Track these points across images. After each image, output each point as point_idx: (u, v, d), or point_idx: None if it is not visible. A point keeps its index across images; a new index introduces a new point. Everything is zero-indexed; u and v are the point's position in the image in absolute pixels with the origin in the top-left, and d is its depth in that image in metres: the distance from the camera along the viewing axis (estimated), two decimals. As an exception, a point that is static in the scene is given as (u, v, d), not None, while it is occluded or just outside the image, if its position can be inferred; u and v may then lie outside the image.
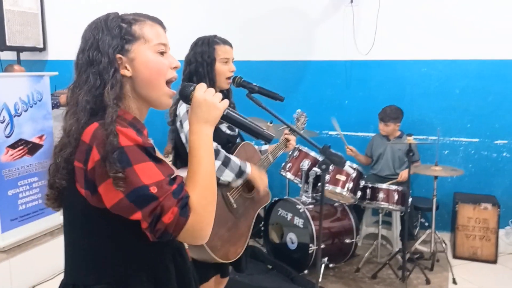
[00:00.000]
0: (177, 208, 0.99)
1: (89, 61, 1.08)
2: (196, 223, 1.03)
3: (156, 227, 0.99)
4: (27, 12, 5.05)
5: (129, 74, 1.10)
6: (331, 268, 3.43)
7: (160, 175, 1.01)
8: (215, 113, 1.13)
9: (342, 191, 3.36)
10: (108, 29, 1.09)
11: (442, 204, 4.02)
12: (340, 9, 4.24)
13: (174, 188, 1.01)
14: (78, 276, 1.13)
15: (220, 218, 1.98)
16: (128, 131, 1.01)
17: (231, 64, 2.10)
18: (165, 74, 1.14)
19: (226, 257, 1.99)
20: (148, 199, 0.98)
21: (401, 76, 4.17)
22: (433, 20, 4.00)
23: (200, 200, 1.04)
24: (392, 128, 3.84)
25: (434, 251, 3.53)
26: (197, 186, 1.06)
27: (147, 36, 1.12)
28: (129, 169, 0.98)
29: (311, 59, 4.41)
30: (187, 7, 4.70)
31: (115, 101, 1.05)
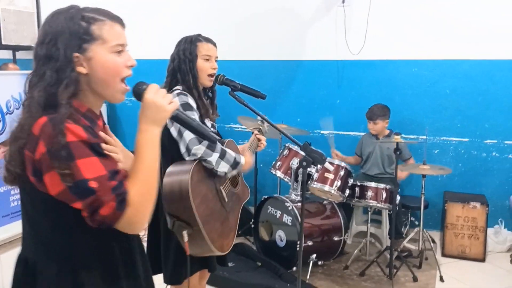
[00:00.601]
0: (115, 203, 1.07)
1: (47, 55, 1.12)
2: (132, 217, 1.10)
3: (94, 218, 1.08)
4: (23, 11, 5.09)
5: (85, 72, 1.15)
6: (320, 265, 3.46)
7: (102, 170, 1.08)
8: (163, 115, 1.19)
9: (330, 189, 3.39)
10: (67, 26, 1.13)
11: (432, 203, 4.05)
12: (332, 10, 4.27)
13: (114, 184, 1.08)
14: (29, 251, 1.22)
15: (215, 212, 2.01)
16: (75, 128, 1.07)
17: (213, 61, 2.13)
18: (120, 73, 1.19)
19: (222, 249, 2.01)
20: (87, 193, 1.06)
21: (392, 76, 4.20)
22: (423, 20, 4.03)
23: (138, 196, 1.12)
24: (381, 126, 3.87)
25: (422, 249, 3.56)
26: (137, 182, 1.13)
27: (105, 37, 1.16)
28: (72, 163, 1.05)
29: (304, 59, 4.45)
30: (180, 8, 4.74)
31: (68, 100, 1.10)
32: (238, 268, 3.33)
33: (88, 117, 1.17)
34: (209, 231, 1.92)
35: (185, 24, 4.64)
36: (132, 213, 1.10)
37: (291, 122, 4.26)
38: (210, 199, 2.00)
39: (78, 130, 1.07)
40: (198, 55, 2.10)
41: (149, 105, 1.18)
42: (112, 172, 1.10)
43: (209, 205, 1.99)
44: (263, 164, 4.42)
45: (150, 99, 1.18)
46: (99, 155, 1.09)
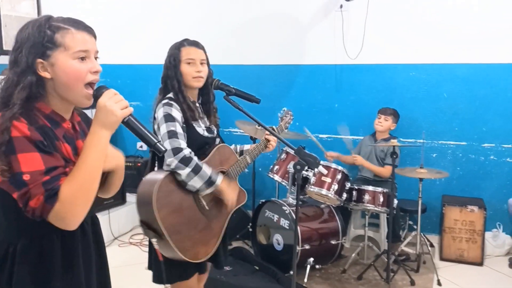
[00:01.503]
0: (43, 197, 1.15)
1: (14, 61, 1.23)
2: (60, 212, 1.17)
3: (26, 208, 1.17)
4: (25, 17, 5.14)
5: (49, 76, 1.24)
6: (318, 269, 3.47)
7: (39, 166, 1.16)
8: (112, 119, 1.24)
9: (327, 193, 3.40)
10: (33, 34, 1.22)
11: (430, 207, 4.05)
12: (330, 14, 4.30)
13: (46, 179, 1.16)
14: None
15: (190, 221, 2.04)
16: (19, 125, 1.16)
17: (197, 65, 2.13)
18: (83, 78, 1.26)
19: (196, 257, 2.03)
20: (20, 185, 1.15)
21: (390, 80, 4.21)
22: (421, 25, 4.05)
23: (69, 193, 1.18)
24: (389, 125, 3.88)
25: (420, 252, 3.56)
26: (73, 180, 1.20)
27: (67, 44, 1.23)
28: (13, 156, 1.15)
29: (302, 63, 4.47)
30: (180, 13, 4.77)
31: (21, 101, 1.19)
32: (236, 272, 3.34)
33: (50, 118, 1.26)
34: (179, 240, 1.95)
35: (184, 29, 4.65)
36: (60, 208, 1.17)
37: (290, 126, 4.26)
38: (184, 209, 2.02)
39: (23, 127, 1.16)
40: (181, 59, 2.13)
41: (100, 109, 1.24)
42: (49, 168, 1.17)
43: (182, 215, 2.01)
44: (261, 168, 4.44)
45: (102, 103, 1.24)
46: (42, 151, 1.17)
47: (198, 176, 1.99)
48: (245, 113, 2.11)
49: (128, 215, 4.28)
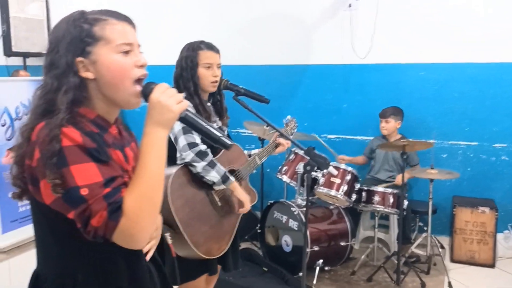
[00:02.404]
0: (106, 212, 0.99)
1: (50, 64, 1.09)
2: (127, 228, 1.01)
3: (87, 229, 1.00)
4: (33, 18, 5.16)
5: (91, 76, 1.09)
6: (327, 270, 3.44)
7: (97, 177, 1.00)
8: (168, 116, 1.09)
9: (336, 194, 3.37)
10: (69, 31, 1.08)
11: (441, 208, 4.01)
12: (338, 14, 4.27)
13: (107, 192, 1.00)
14: (40, 266, 1.18)
15: (203, 215, 2.04)
16: (70, 132, 1.01)
17: (214, 69, 2.14)
18: (129, 74, 1.11)
19: (210, 253, 2.04)
20: (78, 201, 0.99)
21: (399, 80, 4.17)
22: (431, 24, 4.00)
23: (135, 205, 1.02)
24: (393, 125, 3.84)
25: (430, 254, 3.52)
26: (136, 190, 1.04)
27: (108, 37, 1.09)
28: (65, 169, 0.98)
29: (310, 63, 4.44)
30: (186, 13, 4.77)
31: (67, 106, 1.05)
32: (244, 273, 3.32)
33: (97, 124, 1.11)
34: (192, 234, 1.96)
35: (191, 29, 4.68)
36: (127, 224, 1.00)
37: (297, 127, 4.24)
38: (196, 202, 2.03)
39: (74, 134, 1.01)
40: (199, 63, 2.12)
41: (154, 105, 1.09)
42: (108, 179, 1.02)
43: (194, 209, 2.01)
44: (269, 169, 4.42)
45: (155, 99, 1.08)
46: (97, 160, 1.02)
47: (215, 170, 2.02)
48: (254, 114, 2.09)
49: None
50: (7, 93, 3.35)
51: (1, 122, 3.31)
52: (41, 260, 1.17)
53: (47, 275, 1.14)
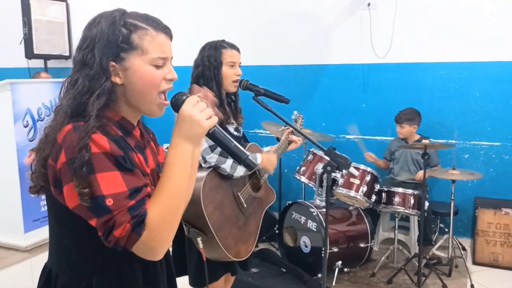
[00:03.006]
0: (130, 225, 0.98)
1: (83, 61, 1.07)
2: (149, 241, 1.01)
3: (108, 238, 1.00)
4: (54, 21, 5.25)
5: (120, 82, 1.08)
6: (346, 272, 3.40)
7: (122, 187, 0.99)
8: (198, 131, 1.07)
9: (356, 195, 3.34)
10: (107, 32, 1.06)
11: (462, 209, 3.93)
12: (357, 13, 4.23)
13: (132, 204, 0.99)
14: (52, 261, 1.18)
15: (232, 218, 2.04)
16: (99, 139, 1.00)
17: (237, 68, 2.14)
18: (158, 86, 1.10)
19: (239, 255, 2.03)
20: (102, 211, 0.98)
21: (419, 79, 4.11)
22: (451, 22, 3.94)
23: (158, 219, 1.01)
24: (408, 130, 3.79)
25: (452, 256, 3.46)
26: (159, 204, 1.03)
27: (145, 48, 1.07)
28: (91, 176, 0.98)
29: (328, 63, 4.41)
30: (203, 13, 4.78)
31: (98, 112, 1.04)
32: (262, 274, 3.31)
33: (121, 126, 1.10)
34: (223, 237, 1.95)
35: (207, 30, 4.67)
36: (149, 237, 1.00)
37: (315, 127, 4.23)
38: (226, 206, 2.02)
39: (103, 142, 1.00)
40: (223, 61, 2.11)
41: (184, 118, 1.06)
42: (133, 190, 1.01)
43: (224, 212, 2.00)
44: (287, 169, 4.40)
45: (186, 112, 1.06)
46: (123, 169, 1.01)
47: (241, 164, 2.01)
48: (274, 114, 2.08)
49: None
50: (29, 95, 3.42)
51: (24, 123, 3.37)
52: (55, 257, 1.16)
53: (59, 273, 1.14)
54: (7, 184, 3.33)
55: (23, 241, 3.32)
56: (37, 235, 3.40)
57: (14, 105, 3.42)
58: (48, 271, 1.17)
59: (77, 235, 1.09)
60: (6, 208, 3.50)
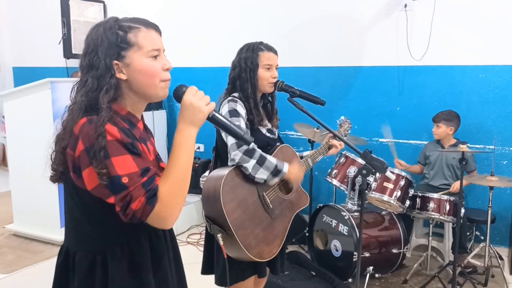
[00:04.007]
0: (144, 198, 1.15)
1: (89, 65, 1.22)
2: (161, 212, 1.17)
3: (126, 211, 1.16)
4: (92, 22, 5.39)
5: (124, 78, 1.24)
6: (377, 278, 3.34)
7: (134, 167, 1.16)
8: (199, 116, 1.25)
9: (389, 199, 3.28)
10: (106, 36, 1.22)
11: (500, 217, 3.81)
12: (393, 14, 4.16)
13: (144, 180, 1.16)
14: (69, 241, 1.32)
15: (255, 218, 2.02)
16: (111, 129, 1.16)
17: (274, 70, 2.14)
18: (158, 75, 1.26)
19: (261, 256, 2.01)
20: (120, 188, 1.15)
21: (457, 82, 4.01)
22: (491, 24, 3.82)
23: (167, 192, 1.18)
24: (444, 131, 3.69)
25: (488, 265, 3.34)
26: (168, 180, 1.20)
27: (140, 43, 1.23)
28: (107, 160, 1.14)
29: (362, 65, 4.36)
30: (238, 15, 4.81)
31: (108, 104, 1.19)
32: (292, 276, 3.29)
33: (127, 119, 1.26)
34: (244, 236, 1.94)
35: (242, 32, 4.71)
36: (161, 208, 1.17)
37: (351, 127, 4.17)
38: (249, 204, 2.01)
39: (114, 131, 1.16)
40: (259, 64, 2.11)
41: (186, 106, 1.24)
42: (143, 170, 1.18)
43: (247, 211, 1.99)
44: (318, 172, 4.37)
45: (188, 100, 1.24)
46: (132, 153, 1.17)
47: (264, 167, 2.00)
48: (310, 116, 2.06)
49: (186, 215, 4.35)
50: (68, 94, 3.51)
51: (62, 120, 3.47)
52: (72, 237, 1.31)
53: (76, 251, 1.28)
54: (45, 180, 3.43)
55: (60, 235, 3.41)
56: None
57: (53, 103, 3.52)
58: (66, 251, 1.32)
59: (92, 214, 1.25)
60: (44, 203, 3.61)
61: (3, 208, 4.38)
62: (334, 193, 4.12)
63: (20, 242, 3.65)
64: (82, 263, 1.26)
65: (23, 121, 3.74)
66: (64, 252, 1.32)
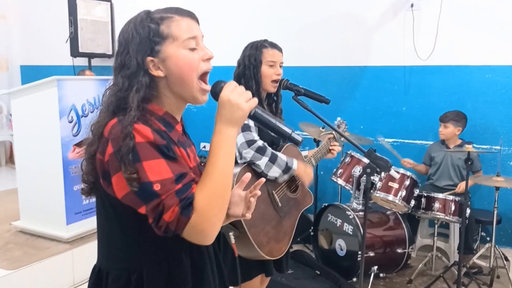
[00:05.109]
0: (178, 208, 1.01)
1: (121, 64, 1.12)
2: (198, 224, 1.03)
3: (159, 223, 1.02)
4: (99, 21, 5.41)
5: (162, 75, 1.12)
6: (382, 277, 3.34)
7: (168, 173, 1.03)
8: (238, 114, 1.11)
9: (394, 199, 3.27)
10: (137, 32, 1.11)
11: (506, 218, 3.78)
12: (400, 14, 4.15)
13: (179, 188, 1.03)
14: (102, 260, 1.20)
15: (265, 215, 2.03)
16: (142, 129, 1.04)
17: (277, 67, 2.14)
18: (196, 68, 1.13)
19: (271, 254, 2.03)
20: (151, 196, 1.01)
21: (463, 82, 3.99)
22: (498, 23, 3.79)
23: (205, 202, 1.04)
24: (451, 131, 3.68)
25: (493, 266, 3.33)
26: (206, 187, 1.06)
27: (174, 34, 1.12)
28: (138, 164, 1.01)
29: (368, 65, 4.35)
30: (246, 14, 4.81)
31: (139, 104, 1.08)
32: (297, 275, 3.30)
33: (164, 120, 1.14)
34: (256, 234, 1.94)
35: (250, 31, 4.70)
36: (198, 219, 1.02)
37: (353, 129, 4.17)
38: (260, 202, 2.01)
39: (146, 131, 1.04)
40: (263, 61, 2.11)
41: (224, 104, 1.11)
42: (179, 175, 1.04)
43: (258, 208, 1.99)
44: (323, 171, 4.36)
45: (225, 97, 1.11)
46: (167, 157, 1.04)
47: (276, 164, 2.01)
48: (314, 114, 2.06)
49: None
50: (74, 92, 3.53)
51: (69, 119, 3.48)
52: (105, 255, 1.19)
53: (110, 270, 1.16)
54: (52, 178, 3.45)
55: (65, 232, 3.43)
56: (78, 228, 3.50)
57: (60, 101, 3.54)
58: (98, 271, 1.20)
59: (126, 227, 1.12)
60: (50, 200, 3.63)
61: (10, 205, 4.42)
62: (339, 193, 4.12)
63: (27, 239, 3.67)
64: (115, 284, 1.13)
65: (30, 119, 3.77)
66: (96, 273, 1.20)
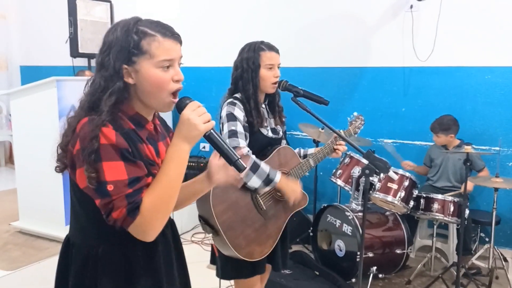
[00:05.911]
0: (126, 210, 1.14)
1: (101, 63, 1.22)
2: (141, 225, 1.16)
3: (108, 218, 1.16)
4: (98, 21, 5.42)
5: (132, 82, 1.22)
6: (381, 278, 3.34)
7: (123, 175, 1.14)
8: (194, 133, 1.21)
9: (393, 200, 3.28)
10: (121, 38, 1.20)
11: (505, 219, 3.79)
12: (399, 15, 4.15)
13: (129, 192, 1.14)
14: (70, 230, 1.35)
15: (246, 219, 2.05)
16: (108, 132, 1.14)
17: (276, 69, 2.14)
18: (166, 87, 1.23)
19: (251, 256, 2.05)
20: (104, 194, 1.14)
21: (463, 84, 3.99)
22: (497, 25, 3.80)
23: (151, 206, 1.16)
24: (444, 139, 3.70)
25: (492, 267, 3.33)
26: (154, 194, 1.18)
27: (152, 52, 1.20)
28: (99, 164, 1.13)
29: (368, 66, 4.35)
30: (245, 14, 4.82)
31: (109, 108, 1.18)
32: (296, 276, 3.30)
33: (134, 120, 1.25)
34: (233, 237, 1.98)
35: (249, 31, 4.72)
36: (142, 222, 1.15)
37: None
38: (240, 207, 2.04)
39: (111, 135, 1.14)
40: (261, 64, 2.11)
41: (183, 121, 1.22)
42: (133, 179, 1.15)
43: (238, 212, 2.03)
44: (323, 172, 4.37)
45: (186, 116, 1.21)
46: (126, 160, 1.15)
47: (256, 174, 1.99)
48: (313, 116, 2.07)
49: (190, 214, 4.36)
50: (73, 92, 3.54)
51: (68, 119, 3.49)
52: (72, 227, 1.33)
53: (75, 241, 1.31)
54: (51, 178, 3.45)
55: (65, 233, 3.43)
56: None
57: (59, 102, 3.55)
58: (67, 240, 1.35)
59: (88, 209, 1.24)
60: (49, 201, 3.63)
61: (9, 205, 4.42)
62: (338, 193, 4.13)
63: (26, 239, 3.68)
64: (77, 255, 1.28)
65: (30, 119, 3.77)
66: (66, 241, 1.34)
